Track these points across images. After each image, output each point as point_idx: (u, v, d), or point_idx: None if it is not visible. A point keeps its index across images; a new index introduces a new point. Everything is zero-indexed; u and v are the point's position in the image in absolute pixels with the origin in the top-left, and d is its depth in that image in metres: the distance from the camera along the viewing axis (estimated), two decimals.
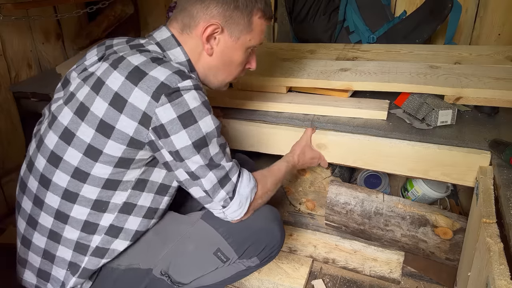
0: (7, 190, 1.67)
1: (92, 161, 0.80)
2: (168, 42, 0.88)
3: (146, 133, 0.78)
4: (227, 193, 0.86)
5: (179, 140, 0.78)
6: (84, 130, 0.79)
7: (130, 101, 0.76)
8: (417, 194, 1.45)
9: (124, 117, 0.77)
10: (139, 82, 0.76)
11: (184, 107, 0.77)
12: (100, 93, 0.78)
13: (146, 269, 0.93)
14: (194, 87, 0.79)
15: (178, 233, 0.95)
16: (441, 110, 1.13)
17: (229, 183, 0.86)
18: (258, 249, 0.95)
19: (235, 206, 0.88)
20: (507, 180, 0.93)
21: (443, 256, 1.24)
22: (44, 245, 0.88)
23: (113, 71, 0.79)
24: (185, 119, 0.77)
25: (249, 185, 0.90)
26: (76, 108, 0.81)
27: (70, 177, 0.82)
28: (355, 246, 1.35)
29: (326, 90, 1.33)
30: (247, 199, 0.89)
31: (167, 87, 0.76)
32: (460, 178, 1.10)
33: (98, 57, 0.88)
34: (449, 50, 1.49)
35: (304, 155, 1.16)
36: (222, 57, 0.91)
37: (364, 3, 1.77)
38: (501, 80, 1.18)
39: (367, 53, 1.52)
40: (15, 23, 1.65)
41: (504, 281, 0.67)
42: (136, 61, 0.79)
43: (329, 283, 1.27)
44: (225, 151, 0.87)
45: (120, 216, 0.87)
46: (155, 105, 0.76)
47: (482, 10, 1.79)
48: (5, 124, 1.67)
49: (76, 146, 0.80)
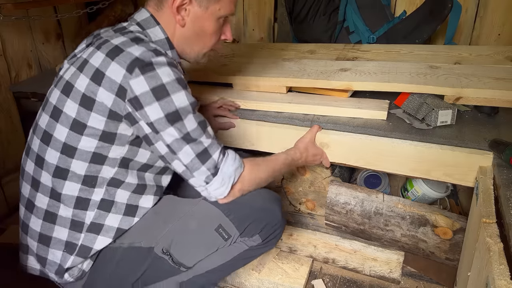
0: (7, 190, 1.67)
1: (78, 134, 0.84)
2: (147, 21, 0.92)
3: (123, 105, 0.82)
4: (208, 169, 0.88)
5: (152, 111, 0.81)
6: (69, 105, 0.83)
7: (107, 74, 0.81)
8: (417, 194, 1.45)
9: (102, 89, 0.81)
10: (116, 57, 0.81)
11: (157, 80, 0.80)
12: (83, 71, 0.84)
13: (148, 248, 0.93)
14: (168, 64, 0.83)
15: (179, 212, 0.97)
16: (441, 110, 1.13)
17: (210, 159, 0.88)
18: (259, 226, 0.97)
19: (217, 183, 0.89)
20: (507, 180, 0.93)
21: (443, 256, 1.24)
22: (39, 229, 0.90)
23: (97, 51, 0.84)
24: (158, 92, 0.81)
25: (234, 164, 0.91)
26: (62, 87, 0.86)
27: (59, 154, 0.85)
28: (355, 246, 1.36)
29: (326, 90, 1.33)
30: (230, 178, 0.91)
31: (141, 61, 0.80)
32: (461, 178, 1.10)
33: (86, 45, 0.94)
34: (449, 50, 1.49)
35: (307, 151, 1.16)
36: (194, 28, 0.93)
37: (364, 3, 1.77)
38: (501, 80, 1.18)
39: (367, 53, 1.52)
40: (15, 23, 1.65)
41: (504, 281, 0.67)
42: (117, 41, 0.84)
43: (329, 283, 1.27)
44: (205, 129, 0.88)
45: (110, 190, 0.90)
46: (129, 77, 0.80)
47: (482, 10, 1.79)
48: (5, 124, 1.67)
49: (63, 122, 0.84)
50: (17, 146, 1.73)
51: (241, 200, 0.97)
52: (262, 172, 1.00)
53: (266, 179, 1.02)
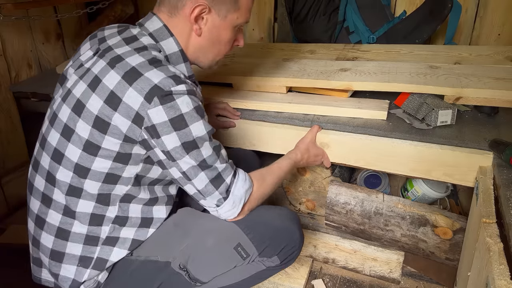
0: (7, 190, 1.67)
1: (91, 155, 0.82)
2: (160, 32, 0.89)
3: (139, 132, 0.80)
4: (220, 193, 0.88)
5: (170, 141, 0.80)
6: (82, 126, 0.81)
7: (124, 100, 0.78)
8: (417, 194, 1.45)
9: (118, 115, 0.79)
10: (133, 82, 0.78)
11: (176, 111, 0.78)
12: (96, 90, 0.80)
13: (165, 262, 0.92)
14: (188, 92, 0.80)
15: (198, 227, 0.96)
16: (441, 110, 1.13)
17: (223, 184, 0.87)
18: (278, 247, 0.96)
19: (228, 206, 0.89)
20: (507, 180, 0.93)
21: (443, 256, 1.24)
22: (51, 245, 0.88)
23: (110, 70, 0.80)
24: (176, 123, 0.79)
25: (244, 186, 0.91)
26: (73, 105, 0.83)
27: (72, 173, 0.83)
28: (355, 246, 1.36)
29: (326, 90, 1.33)
30: (241, 200, 0.91)
31: (160, 89, 0.77)
32: (461, 178, 1.10)
33: (93, 52, 0.89)
34: (449, 50, 1.49)
35: (308, 152, 1.16)
36: (211, 37, 0.92)
37: (364, 3, 1.77)
38: (501, 80, 1.18)
39: (367, 53, 1.53)
40: (15, 23, 1.65)
41: (504, 281, 0.67)
42: (134, 61, 0.81)
43: (329, 283, 1.27)
44: (219, 153, 0.87)
45: (123, 206, 0.89)
46: (147, 106, 0.77)
47: (482, 10, 1.79)
48: (5, 124, 1.67)
49: (75, 142, 0.82)
50: (17, 146, 1.74)
51: (261, 220, 0.96)
52: (268, 186, 1.00)
53: (272, 189, 1.02)
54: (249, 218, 0.96)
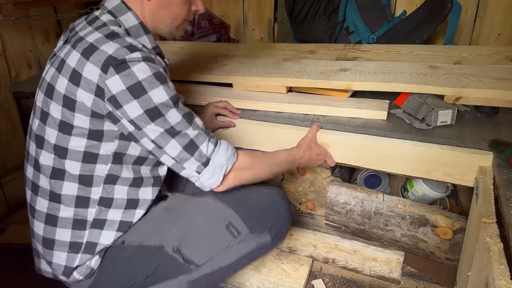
0: (7, 190, 1.67)
1: (66, 135, 0.84)
2: (118, 9, 0.90)
3: (103, 105, 0.81)
4: (197, 159, 0.87)
5: (131, 109, 0.81)
6: (54, 108, 0.84)
7: (84, 74, 0.80)
8: (417, 194, 1.45)
9: (81, 90, 0.81)
10: (90, 56, 0.80)
11: (132, 78, 0.79)
12: (62, 72, 0.83)
13: (158, 246, 0.93)
14: (144, 59, 0.81)
15: (189, 210, 0.97)
16: (441, 110, 1.13)
17: (197, 150, 0.87)
18: (268, 224, 0.98)
19: (208, 173, 0.89)
20: (507, 180, 0.93)
21: (443, 256, 1.24)
22: (42, 232, 0.90)
23: (73, 51, 0.83)
24: (135, 91, 0.80)
25: (225, 154, 0.91)
26: (45, 89, 0.86)
27: (53, 155, 0.86)
28: (355, 246, 1.36)
29: (326, 90, 1.33)
30: (222, 168, 0.90)
31: (115, 59, 0.79)
32: (461, 178, 1.10)
33: (63, 41, 0.93)
34: (449, 50, 1.49)
35: (310, 150, 1.15)
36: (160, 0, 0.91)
37: (364, 3, 1.77)
38: (501, 80, 1.18)
39: (367, 53, 1.53)
40: (15, 23, 1.65)
41: (504, 281, 0.67)
42: (92, 38, 0.83)
43: (329, 283, 1.27)
44: (191, 121, 0.87)
45: (107, 187, 0.90)
46: (104, 77, 0.79)
47: (482, 10, 1.79)
48: (5, 124, 1.67)
49: (51, 124, 0.84)
50: (17, 146, 1.73)
51: (250, 197, 0.98)
52: (259, 163, 1.00)
53: (265, 171, 1.01)
54: (238, 196, 0.98)
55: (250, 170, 0.97)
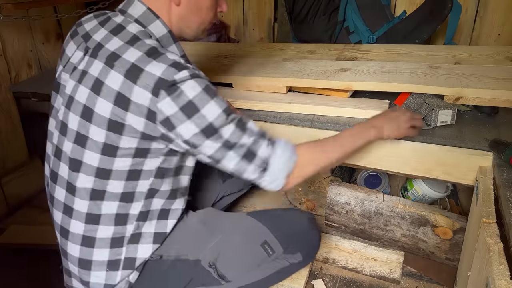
0: (7, 190, 1.67)
1: (111, 157, 0.81)
2: (146, 17, 0.86)
3: (154, 127, 0.79)
4: (257, 166, 0.84)
5: (187, 129, 0.78)
6: (96, 131, 0.80)
7: (133, 99, 0.77)
8: (417, 194, 1.45)
9: (131, 114, 0.77)
10: (137, 80, 0.76)
11: (184, 98, 0.76)
12: (101, 94, 0.78)
13: (194, 260, 0.93)
14: (191, 76, 0.78)
15: (225, 225, 0.98)
16: (441, 110, 1.13)
17: (256, 158, 0.84)
18: (301, 244, 1.00)
19: (269, 178, 0.86)
20: (507, 180, 0.93)
21: (443, 256, 1.24)
22: (78, 254, 0.87)
23: (111, 71, 0.78)
24: (188, 110, 0.77)
25: (283, 156, 0.86)
26: (81, 112, 0.81)
27: (94, 177, 0.82)
28: (355, 246, 1.35)
29: (326, 90, 1.33)
30: (281, 171, 0.86)
31: (164, 81, 0.76)
32: (461, 178, 1.10)
33: (82, 52, 0.85)
34: (449, 50, 1.49)
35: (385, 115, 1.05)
36: (189, 5, 0.88)
37: (364, 3, 1.77)
38: (501, 80, 1.18)
39: (367, 53, 1.52)
40: (15, 23, 1.65)
41: (504, 281, 0.67)
42: (132, 57, 0.78)
43: (329, 283, 1.27)
44: (244, 127, 0.83)
45: (147, 202, 0.89)
46: (156, 101, 0.76)
47: (482, 10, 1.79)
48: (5, 124, 1.67)
49: (92, 148, 0.81)
50: (17, 146, 1.74)
51: (284, 219, 1.01)
52: (321, 155, 0.93)
53: (328, 160, 0.94)
54: (274, 217, 1.01)
55: (312, 165, 0.92)
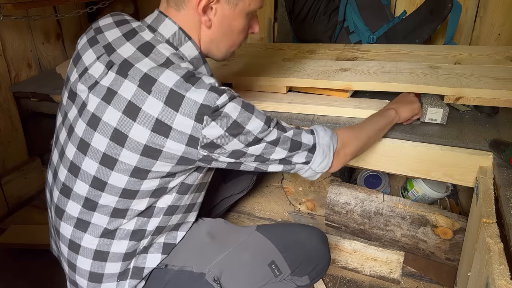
0: (7, 190, 1.67)
1: (140, 180, 0.79)
2: (178, 38, 0.83)
3: (196, 152, 0.77)
4: (304, 150, 0.85)
5: (233, 146, 0.78)
6: (128, 155, 0.77)
7: (175, 127, 0.74)
8: (417, 194, 1.45)
9: (171, 141, 0.75)
10: (179, 108, 0.73)
11: (228, 120, 0.75)
12: (137, 119, 0.74)
13: (199, 273, 0.92)
14: (230, 99, 0.75)
15: (234, 241, 0.95)
16: (430, 107, 1.14)
17: (301, 145, 0.85)
18: (309, 267, 0.96)
19: (319, 158, 0.87)
20: (507, 180, 0.93)
21: (443, 256, 1.24)
22: (89, 268, 0.86)
23: (148, 96, 0.74)
24: (234, 130, 0.76)
25: (326, 134, 0.88)
26: (110, 135, 0.77)
27: (118, 198, 0.81)
28: (355, 246, 1.35)
29: (326, 90, 1.33)
30: (329, 147, 0.88)
31: (207, 107, 0.73)
32: (462, 178, 1.10)
33: (103, 64, 0.80)
34: (449, 50, 1.49)
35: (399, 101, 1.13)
36: (222, 28, 0.85)
37: (364, 3, 1.77)
38: (501, 80, 1.18)
39: (367, 53, 1.52)
40: (15, 23, 1.65)
41: (504, 281, 0.67)
42: (169, 82, 0.74)
43: (329, 283, 1.27)
44: (282, 127, 0.84)
45: (166, 217, 0.88)
46: (200, 127, 0.74)
47: (482, 10, 1.79)
48: (5, 124, 1.67)
49: (121, 171, 0.78)
50: (17, 146, 1.74)
51: (295, 239, 0.97)
52: (361, 134, 0.97)
53: (369, 140, 0.99)
54: (284, 235, 0.96)
55: (355, 142, 0.95)
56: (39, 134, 1.88)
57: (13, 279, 1.32)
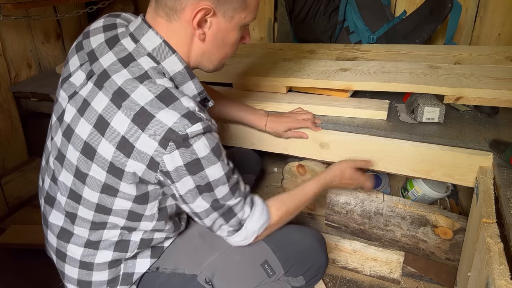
0: (7, 190, 1.67)
1: (111, 197, 0.78)
2: (161, 51, 0.78)
3: (154, 175, 0.75)
4: (231, 226, 0.84)
5: (184, 185, 0.75)
6: (97, 170, 0.76)
7: (137, 147, 0.71)
8: (417, 194, 1.45)
9: (132, 161, 0.73)
10: (145, 127, 0.70)
11: (192, 155, 0.72)
12: (105, 135, 0.73)
13: (191, 275, 0.91)
14: (204, 131, 0.73)
15: (226, 242, 0.94)
16: (427, 106, 1.15)
17: (234, 218, 0.84)
18: (304, 268, 0.95)
19: (240, 237, 0.87)
20: (507, 180, 0.93)
21: (443, 256, 1.24)
22: (77, 276, 0.86)
23: (117, 111, 0.72)
24: (192, 167, 0.73)
25: (260, 220, 0.87)
26: (81, 148, 0.76)
27: (94, 212, 0.80)
28: (355, 246, 1.35)
29: (326, 90, 1.33)
30: (254, 233, 0.87)
31: (175, 133, 0.70)
32: (462, 178, 1.10)
33: (84, 73, 0.79)
34: (449, 50, 1.49)
35: (343, 174, 1.07)
36: (216, 41, 0.81)
37: (364, 3, 1.77)
38: (501, 80, 1.18)
39: (367, 53, 1.52)
40: (15, 23, 1.65)
41: (504, 281, 0.67)
42: (142, 99, 0.71)
43: (329, 283, 1.27)
44: (236, 190, 0.82)
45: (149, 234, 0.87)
46: (162, 152, 0.71)
47: (482, 10, 1.79)
48: (5, 124, 1.67)
49: (92, 186, 0.77)
50: (17, 146, 1.74)
51: (289, 239, 0.96)
52: (289, 214, 0.95)
53: (293, 215, 0.97)
54: (278, 235, 0.95)
55: (279, 223, 0.94)
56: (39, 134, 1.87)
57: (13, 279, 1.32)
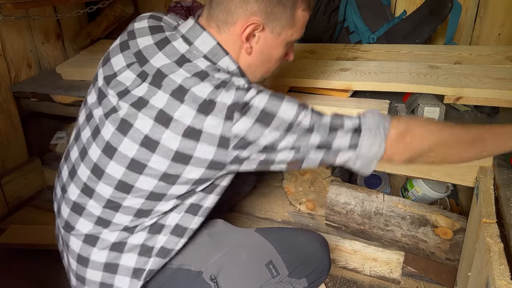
0: (7, 190, 1.67)
1: (168, 184, 0.78)
2: (215, 53, 0.81)
3: (226, 153, 0.74)
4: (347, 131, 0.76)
5: (265, 138, 0.73)
6: (156, 160, 0.76)
7: (205, 130, 0.73)
8: (417, 194, 1.45)
9: (201, 144, 0.74)
10: (210, 112, 0.72)
11: (257, 111, 0.72)
12: (170, 127, 0.74)
13: (197, 272, 0.91)
14: (257, 92, 0.74)
15: (232, 240, 0.95)
16: (427, 106, 1.15)
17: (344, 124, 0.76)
18: (308, 270, 0.95)
19: (367, 138, 0.76)
20: (507, 180, 0.93)
21: (443, 256, 1.24)
22: (105, 259, 0.85)
23: (180, 105, 0.73)
24: (263, 119, 0.73)
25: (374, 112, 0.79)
26: (141, 141, 0.76)
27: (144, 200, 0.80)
28: (355, 246, 1.35)
29: (326, 90, 1.33)
30: (379, 127, 0.76)
31: (237, 104, 0.72)
32: (462, 178, 1.10)
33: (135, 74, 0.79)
34: (449, 50, 1.49)
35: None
36: (262, 55, 0.85)
37: (364, 3, 1.77)
38: (501, 80, 1.18)
39: (367, 53, 1.53)
40: (15, 23, 1.65)
41: (504, 281, 0.68)
42: (203, 92, 0.73)
43: (329, 283, 1.27)
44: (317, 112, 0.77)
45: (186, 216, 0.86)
46: (230, 125, 0.72)
47: (482, 10, 1.79)
48: (5, 124, 1.67)
49: (150, 175, 0.77)
50: (17, 146, 1.74)
51: (294, 241, 0.96)
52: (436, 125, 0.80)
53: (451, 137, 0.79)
54: (283, 237, 0.96)
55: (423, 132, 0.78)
56: (39, 134, 1.88)
57: (13, 279, 1.32)
